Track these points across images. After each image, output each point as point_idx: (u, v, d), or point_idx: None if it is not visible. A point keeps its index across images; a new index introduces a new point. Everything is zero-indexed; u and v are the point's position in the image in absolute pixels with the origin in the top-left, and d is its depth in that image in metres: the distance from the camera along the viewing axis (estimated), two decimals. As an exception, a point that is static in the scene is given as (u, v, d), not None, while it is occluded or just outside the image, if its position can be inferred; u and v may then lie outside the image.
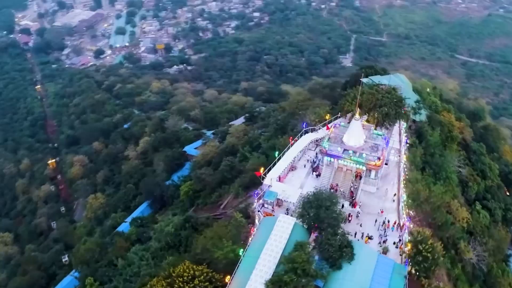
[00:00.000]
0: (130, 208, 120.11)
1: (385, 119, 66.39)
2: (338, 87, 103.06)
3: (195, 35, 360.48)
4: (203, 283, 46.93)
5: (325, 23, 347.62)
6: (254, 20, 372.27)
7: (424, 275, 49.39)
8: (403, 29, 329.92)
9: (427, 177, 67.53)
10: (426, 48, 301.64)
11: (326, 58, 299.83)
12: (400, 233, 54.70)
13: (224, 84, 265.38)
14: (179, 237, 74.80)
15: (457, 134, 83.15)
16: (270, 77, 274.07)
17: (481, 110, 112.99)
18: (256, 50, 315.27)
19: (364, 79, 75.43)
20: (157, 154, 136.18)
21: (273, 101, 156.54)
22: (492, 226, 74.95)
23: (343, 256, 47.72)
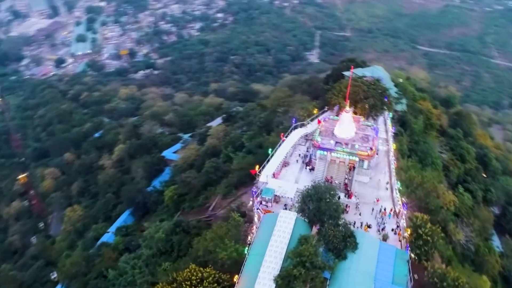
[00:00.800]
0: (111, 218, 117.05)
1: (372, 110, 67.27)
2: (316, 82, 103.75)
3: (159, 39, 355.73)
4: (211, 285, 46.18)
5: (289, 20, 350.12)
6: (218, 21, 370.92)
7: (425, 258, 50.37)
8: (365, 23, 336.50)
9: (415, 164, 69.01)
10: (389, 41, 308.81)
11: (292, 55, 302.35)
12: (397, 220, 55.66)
13: (193, 87, 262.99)
14: (170, 243, 73.70)
15: (435, 122, 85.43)
16: (239, 77, 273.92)
17: (452, 97, 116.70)
18: (222, 51, 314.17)
19: (346, 73, 76.16)
20: (134, 161, 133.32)
21: (248, 101, 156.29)
22: (475, 207, 77.42)
23: (348, 246, 48.06)
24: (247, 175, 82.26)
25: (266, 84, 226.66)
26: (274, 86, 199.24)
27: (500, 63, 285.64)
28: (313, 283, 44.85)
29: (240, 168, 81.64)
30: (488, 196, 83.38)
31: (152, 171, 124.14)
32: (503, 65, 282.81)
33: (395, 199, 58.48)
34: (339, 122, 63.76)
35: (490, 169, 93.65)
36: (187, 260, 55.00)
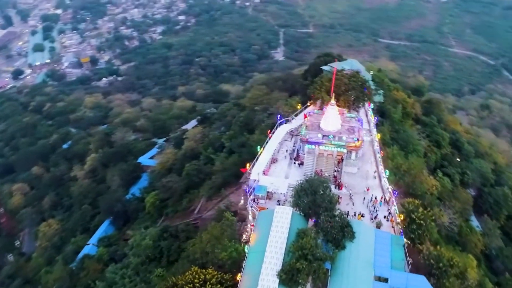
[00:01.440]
0: (90, 230, 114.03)
1: (354, 102, 68.38)
2: (291, 79, 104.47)
3: (120, 45, 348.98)
4: (215, 286, 45.71)
5: (252, 20, 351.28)
6: (180, 23, 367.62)
7: (419, 242, 51.71)
8: (327, 19, 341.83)
9: (399, 152, 70.68)
10: (352, 35, 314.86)
11: (258, 54, 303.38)
12: (388, 207, 56.85)
13: (160, 91, 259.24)
14: (159, 249, 72.59)
15: (411, 110, 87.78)
16: (206, 78, 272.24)
17: (422, 86, 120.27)
18: (187, 53, 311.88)
19: (325, 67, 77.11)
20: (108, 169, 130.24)
21: (221, 101, 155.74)
22: (455, 190, 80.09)
23: (345, 236, 48.63)
24: (232, 175, 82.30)
25: (234, 84, 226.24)
26: (244, 86, 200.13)
27: (458, 51, 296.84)
28: (316, 275, 45.24)
29: (224, 168, 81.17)
30: (465, 179, 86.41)
31: (129, 179, 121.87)
32: (461, 53, 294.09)
33: (384, 187, 59.73)
34: (324, 116, 64.48)
35: (463, 152, 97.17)
36: (184, 263, 54.05)
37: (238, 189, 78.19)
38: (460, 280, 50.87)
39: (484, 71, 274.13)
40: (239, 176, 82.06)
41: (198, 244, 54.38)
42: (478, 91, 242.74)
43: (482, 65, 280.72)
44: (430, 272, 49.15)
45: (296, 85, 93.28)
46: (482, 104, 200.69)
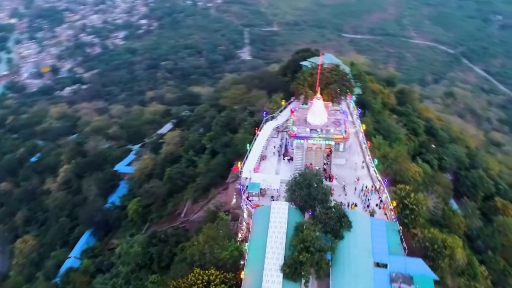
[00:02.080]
0: (69, 242, 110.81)
1: (337, 95, 69.44)
2: (267, 76, 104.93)
3: (82, 52, 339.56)
4: (219, 286, 45.47)
5: (215, 20, 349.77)
6: (143, 27, 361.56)
7: (412, 226, 53.18)
8: (291, 16, 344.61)
9: (384, 141, 72.31)
10: (316, 32, 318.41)
11: (225, 55, 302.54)
12: (379, 195, 58.12)
13: (128, 97, 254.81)
14: (148, 255, 71.56)
15: (388, 101, 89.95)
16: (174, 82, 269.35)
17: (393, 77, 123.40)
18: (152, 57, 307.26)
19: (304, 62, 77.96)
20: (84, 180, 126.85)
21: (194, 104, 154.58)
22: (435, 175, 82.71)
23: (343, 226, 49.46)
24: (217, 176, 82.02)
25: (204, 86, 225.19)
26: (215, 87, 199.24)
27: (419, 42, 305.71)
28: (319, 266, 45.81)
29: (209, 169, 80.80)
30: (443, 164, 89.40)
31: (107, 187, 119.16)
32: (422, 44, 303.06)
33: (373, 176, 61.03)
34: (311, 110, 65.20)
35: (438, 139, 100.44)
36: (182, 266, 53.39)
37: (226, 189, 78.12)
38: (451, 260, 52.81)
39: (445, 60, 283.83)
40: (225, 176, 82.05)
41: (196, 246, 53.81)
42: (441, 80, 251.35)
43: (443, 55, 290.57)
44: (426, 255, 50.75)
45: (274, 82, 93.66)
46: (446, 92, 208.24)
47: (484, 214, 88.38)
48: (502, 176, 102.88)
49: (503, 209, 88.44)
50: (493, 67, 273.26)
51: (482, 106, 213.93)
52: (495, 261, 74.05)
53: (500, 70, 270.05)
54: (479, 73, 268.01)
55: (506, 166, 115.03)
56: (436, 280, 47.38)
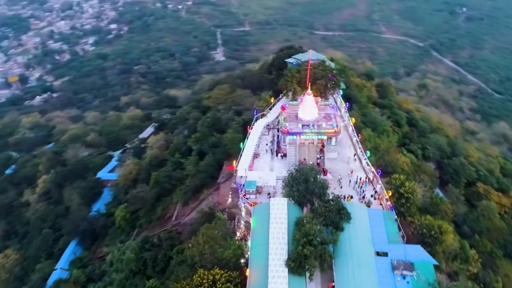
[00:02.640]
0: (54, 254, 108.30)
1: (325, 90, 70.23)
2: (249, 75, 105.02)
3: (51, 60, 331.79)
4: (224, 285, 45.34)
5: (187, 22, 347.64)
6: (113, 32, 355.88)
7: (408, 214, 54.38)
8: (262, 16, 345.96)
9: (374, 134, 73.56)
10: (287, 30, 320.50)
11: (198, 56, 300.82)
12: (373, 186, 59.17)
13: (101, 104, 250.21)
14: (142, 260, 70.96)
15: (371, 94, 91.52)
16: (148, 86, 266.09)
17: (371, 71, 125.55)
18: (124, 62, 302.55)
19: (289, 60, 78.52)
20: (65, 189, 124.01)
21: (174, 106, 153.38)
22: (420, 164, 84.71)
23: (342, 218, 50.04)
24: (207, 177, 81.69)
25: (181, 88, 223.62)
26: (192, 89, 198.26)
27: (389, 37, 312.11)
28: (322, 259, 46.31)
29: (199, 170, 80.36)
30: (426, 153, 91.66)
31: (90, 196, 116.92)
32: (392, 38, 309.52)
33: (365, 168, 62.07)
34: (302, 106, 65.71)
35: (419, 129, 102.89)
36: (183, 268, 52.89)
37: (217, 190, 77.93)
38: (446, 245, 54.31)
39: (415, 53, 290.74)
40: (215, 177, 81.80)
41: (195, 247, 53.43)
42: (413, 73, 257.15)
43: (413, 48, 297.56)
44: (423, 241, 51.91)
45: (258, 80, 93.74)
46: (419, 84, 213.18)
47: (467, 200, 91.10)
48: (481, 163, 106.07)
49: (485, 194, 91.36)
50: (461, 58, 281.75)
51: (454, 97, 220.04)
52: (483, 244, 76.54)
53: (468, 60, 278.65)
54: (449, 65, 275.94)
55: (483, 153, 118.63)
56: (435, 265, 48.68)
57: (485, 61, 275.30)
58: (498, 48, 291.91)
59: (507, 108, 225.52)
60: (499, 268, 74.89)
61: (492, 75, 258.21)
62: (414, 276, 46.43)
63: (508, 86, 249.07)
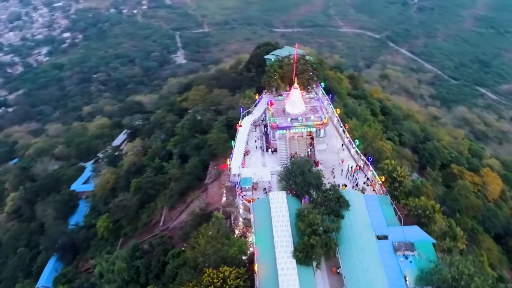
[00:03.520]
0: (33, 272, 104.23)
1: (308, 83, 71.23)
2: (223, 75, 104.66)
3: (2, 73, 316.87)
4: (234, 281, 45.29)
5: (144, 27, 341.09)
6: (67, 41, 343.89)
7: (402, 198, 56.14)
8: (220, 16, 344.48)
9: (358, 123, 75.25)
10: (247, 29, 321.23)
11: (159, 61, 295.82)
12: (364, 173, 60.63)
13: (62, 115, 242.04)
14: (134, 269, 69.78)
15: (347, 85, 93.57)
16: (110, 93, 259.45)
17: (341, 64, 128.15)
18: (82, 71, 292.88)
19: (267, 56, 79.03)
20: (37, 205, 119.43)
21: (143, 112, 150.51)
22: (399, 150, 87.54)
23: (342, 206, 51.13)
24: (194, 179, 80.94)
25: (146, 93, 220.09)
26: (159, 94, 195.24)
27: (347, 30, 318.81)
28: (328, 247, 47.27)
29: (185, 173, 79.48)
30: (402, 140, 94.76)
31: (66, 209, 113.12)
32: (350, 32, 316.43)
33: (355, 156, 63.52)
34: (289, 100, 66.35)
35: (393, 117, 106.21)
36: (186, 271, 52.22)
37: (205, 191, 77.33)
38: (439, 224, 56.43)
39: (373, 45, 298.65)
40: (202, 178, 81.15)
41: (197, 248, 52.91)
42: (372, 64, 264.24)
43: (370, 40, 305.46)
44: (419, 222, 53.71)
45: (237, 79, 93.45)
46: (381, 75, 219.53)
47: (443, 181, 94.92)
48: (451, 146, 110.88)
49: (459, 175, 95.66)
50: (417, 48, 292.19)
51: (414, 85, 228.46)
52: (464, 222, 79.87)
53: (423, 49, 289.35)
54: (405, 55, 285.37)
55: (450, 136, 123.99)
56: (433, 244, 50.59)
57: (439, 49, 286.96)
58: (450, 36, 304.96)
59: (463, 93, 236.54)
60: (481, 242, 78.73)
61: (447, 62, 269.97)
62: (415, 255, 48.11)
63: (463, 71, 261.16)
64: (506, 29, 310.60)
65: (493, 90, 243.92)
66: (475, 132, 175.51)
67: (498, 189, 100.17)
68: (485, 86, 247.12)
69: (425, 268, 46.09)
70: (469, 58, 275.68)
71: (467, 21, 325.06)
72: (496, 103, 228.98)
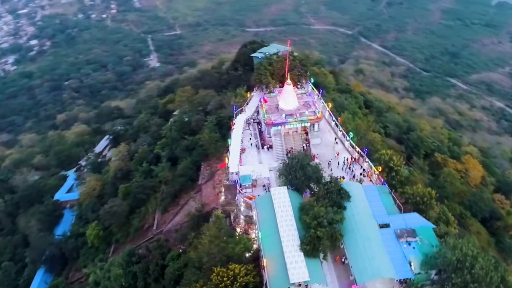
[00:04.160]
0: (19, 286, 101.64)
1: (299, 79, 71.84)
2: (207, 75, 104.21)
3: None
4: (244, 278, 45.31)
5: (114, 31, 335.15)
6: (35, 48, 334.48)
7: (399, 186, 57.36)
8: (191, 17, 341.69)
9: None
10: (219, 30, 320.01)
11: (132, 65, 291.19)
12: (360, 165, 61.67)
13: (35, 125, 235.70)
14: (131, 274, 69.10)
15: (332, 81, 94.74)
16: (84, 100, 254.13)
17: (321, 60, 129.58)
18: (53, 78, 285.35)
19: (254, 54, 79.20)
20: (19, 217, 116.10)
21: (122, 117, 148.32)
22: (387, 141, 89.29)
23: (343, 197, 51.82)
24: (187, 180, 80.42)
25: (122, 98, 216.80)
26: (137, 98, 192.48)
27: (319, 27, 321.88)
28: (333, 238, 47.90)
29: (178, 175, 78.84)
30: (388, 131, 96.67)
31: (50, 219, 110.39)
32: (322, 29, 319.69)
33: (349, 149, 64.50)
34: (282, 96, 66.67)
35: (376, 109, 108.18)
36: (192, 271, 51.93)
37: (199, 192, 76.95)
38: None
39: (346, 41, 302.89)
40: (194, 179, 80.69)
41: (202, 249, 52.66)
42: (346, 60, 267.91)
43: (343, 36, 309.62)
44: (417, 209, 55.01)
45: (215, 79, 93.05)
46: (356, 70, 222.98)
47: (428, 169, 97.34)
48: (432, 135, 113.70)
49: (443, 163, 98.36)
50: (388, 42, 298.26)
51: (388, 78, 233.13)
52: (453, 208, 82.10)
53: (394, 43, 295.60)
54: (378, 49, 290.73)
55: (430, 126, 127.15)
56: (433, 228, 51.94)
57: (410, 42, 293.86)
58: (420, 29, 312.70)
59: (435, 84, 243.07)
60: (470, 226, 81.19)
61: (418, 55, 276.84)
62: (418, 241, 49.20)
63: (433, 63, 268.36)
64: (472, 21, 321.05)
65: (463, 80, 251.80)
66: (450, 122, 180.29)
67: (479, 175, 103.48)
68: (456, 77, 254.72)
69: (428, 253, 47.19)
70: (439, 50, 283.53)
71: (435, 14, 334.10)
72: (467, 93, 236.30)
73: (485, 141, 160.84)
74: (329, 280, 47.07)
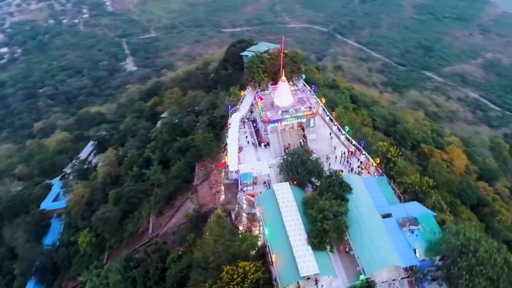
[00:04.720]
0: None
1: (292, 76, 72.28)
2: (194, 75, 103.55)
3: None
4: (254, 275, 45.39)
5: (87, 36, 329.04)
6: (5, 56, 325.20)
7: (397, 176, 58.42)
8: (166, 20, 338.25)
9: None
10: (195, 31, 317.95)
11: (108, 69, 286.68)
12: (357, 158, 62.52)
13: (10, 134, 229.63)
14: (129, 279, 68.58)
15: (320, 76, 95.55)
16: (60, 107, 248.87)
17: (306, 57, 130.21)
18: (26, 86, 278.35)
19: (244, 53, 79.23)
20: (4, 228, 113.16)
21: (105, 122, 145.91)
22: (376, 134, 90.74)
23: (345, 190, 52.52)
24: (182, 182, 79.81)
25: (101, 104, 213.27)
26: (117, 103, 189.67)
27: (295, 26, 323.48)
28: (339, 230, 48.50)
29: (172, 177, 78.18)
30: (376, 124, 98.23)
31: (37, 229, 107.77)
32: (298, 27, 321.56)
33: (345, 142, 65.27)
34: (277, 93, 66.91)
35: (362, 104, 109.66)
36: (198, 272, 51.63)
37: (195, 192, 76.52)
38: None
39: (322, 38, 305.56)
40: (189, 180, 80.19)
41: (207, 249, 52.42)
42: (323, 57, 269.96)
43: (319, 34, 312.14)
44: (416, 198, 56.18)
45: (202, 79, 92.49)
46: (335, 66, 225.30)
47: (416, 160, 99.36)
48: (416, 127, 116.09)
49: (430, 153, 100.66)
50: (363, 38, 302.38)
51: (366, 74, 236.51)
52: (443, 196, 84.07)
53: (370, 39, 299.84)
54: (353, 45, 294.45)
55: (413, 118, 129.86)
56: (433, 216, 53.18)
57: (384, 37, 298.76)
58: (393, 25, 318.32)
59: (412, 78, 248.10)
60: (461, 214, 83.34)
61: (393, 50, 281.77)
62: (420, 229, 50.29)
63: (408, 57, 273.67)
64: (443, 15, 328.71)
65: (438, 72, 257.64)
66: (429, 114, 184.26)
67: (463, 164, 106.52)
68: (431, 70, 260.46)
69: (432, 240, 48.33)
70: (413, 44, 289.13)
71: (407, 9, 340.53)
72: (442, 85, 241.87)
73: (464, 131, 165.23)
74: (337, 272, 47.73)
